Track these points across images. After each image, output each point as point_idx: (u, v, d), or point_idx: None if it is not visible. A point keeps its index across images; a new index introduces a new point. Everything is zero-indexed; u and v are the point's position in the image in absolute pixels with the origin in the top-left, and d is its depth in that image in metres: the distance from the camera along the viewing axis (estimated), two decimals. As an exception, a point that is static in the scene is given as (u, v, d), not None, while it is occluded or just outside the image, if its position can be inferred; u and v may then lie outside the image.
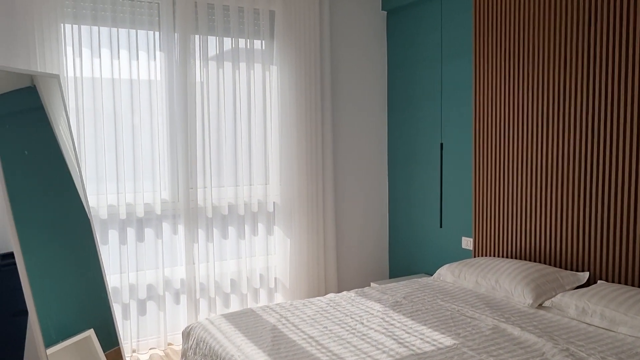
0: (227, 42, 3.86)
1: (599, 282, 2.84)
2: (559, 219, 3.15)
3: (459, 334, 2.43)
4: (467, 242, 3.88)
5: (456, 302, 2.93)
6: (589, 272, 2.97)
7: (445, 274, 3.36)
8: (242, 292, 3.98)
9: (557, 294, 2.82)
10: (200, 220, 3.81)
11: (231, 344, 2.42)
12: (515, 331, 2.44)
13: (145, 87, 3.62)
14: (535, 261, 3.32)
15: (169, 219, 3.76)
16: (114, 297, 3.58)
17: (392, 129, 4.58)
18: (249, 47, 3.92)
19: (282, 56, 4.04)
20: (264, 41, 4.00)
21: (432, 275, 4.14)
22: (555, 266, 3.19)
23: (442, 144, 4.02)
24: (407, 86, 4.37)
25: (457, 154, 3.91)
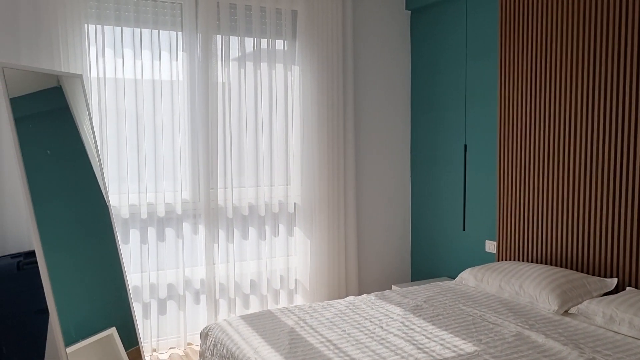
0: (249, 42, 3.86)
1: (628, 289, 2.75)
2: (586, 222, 3.06)
3: (481, 340, 2.37)
4: (491, 246, 3.80)
5: (478, 307, 2.86)
6: (617, 279, 2.88)
7: (467, 277, 3.30)
8: (262, 293, 3.96)
9: (583, 300, 2.73)
10: (220, 220, 3.81)
11: (248, 346, 2.40)
12: (539, 338, 2.37)
13: (167, 87, 3.63)
14: (561, 266, 3.22)
15: (190, 218, 3.76)
16: (135, 296, 3.60)
17: (415, 129, 4.52)
18: (270, 47, 3.91)
19: (304, 56, 4.02)
20: (286, 41, 3.98)
21: (454, 279, 4.07)
22: (582, 272, 3.10)
23: (465, 146, 3.95)
24: (431, 86, 4.31)
25: (481, 156, 3.83)
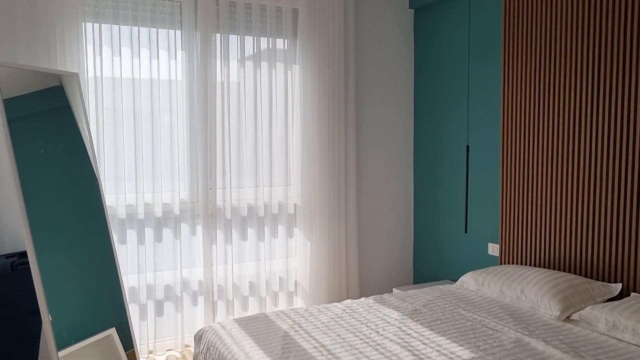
0: (249, 40, 3.81)
1: (633, 294, 2.67)
2: (591, 226, 2.98)
3: (479, 347, 2.30)
4: (494, 249, 3.72)
5: (478, 311, 2.79)
6: (621, 284, 2.80)
7: (468, 281, 3.23)
8: (260, 295, 3.91)
9: (586, 306, 2.66)
10: (219, 221, 3.76)
11: (240, 351, 2.34)
12: (539, 345, 2.30)
13: (165, 86, 3.59)
14: (564, 271, 3.15)
15: (188, 219, 3.72)
16: (132, 297, 3.56)
17: (418, 130, 4.45)
18: (271, 46, 3.86)
19: (305, 55, 3.97)
20: (286, 40, 3.93)
21: (456, 282, 4.00)
22: (586, 276, 3.02)
23: (468, 147, 3.88)
24: (435, 87, 4.24)
25: (484, 157, 3.76)
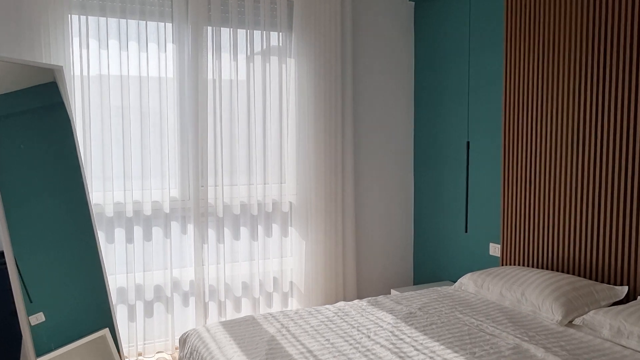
0: (242, 33, 3.69)
1: None
2: (596, 225, 2.84)
3: (474, 354, 2.17)
4: (495, 249, 3.59)
5: (476, 315, 2.66)
6: (627, 287, 2.66)
7: (467, 283, 3.10)
8: (254, 296, 3.79)
9: (590, 310, 2.52)
10: (210, 219, 3.65)
11: (222, 356, 2.23)
12: (538, 352, 2.17)
13: (154, 80, 3.47)
14: (568, 272, 3.01)
15: (178, 218, 3.61)
16: (120, 298, 3.46)
17: (419, 126, 4.32)
18: (265, 39, 3.74)
19: (300, 48, 3.84)
20: (281, 33, 3.81)
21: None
22: (590, 279, 2.88)
23: (468, 143, 3.74)
24: (436, 81, 4.10)
25: (485, 153, 3.63)
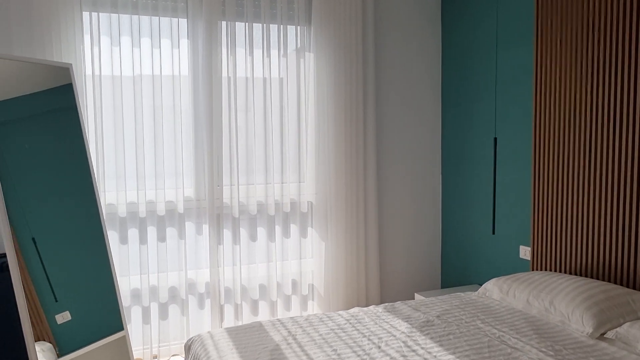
0: (257, 28, 3.57)
1: (682, 309, 2.28)
2: (634, 229, 2.59)
3: (492, 369, 1.99)
4: (526, 252, 3.36)
5: (499, 325, 2.46)
6: (669, 296, 2.41)
7: (491, 289, 2.89)
8: (271, 299, 3.67)
9: (625, 322, 2.29)
10: (226, 220, 3.55)
11: (221, 366, 2.11)
12: (564, 369, 1.97)
13: (168, 77, 3.39)
14: (603, 279, 2.76)
15: (193, 218, 3.52)
16: (134, 300, 3.39)
17: (446, 122, 4.11)
18: (281, 33, 3.61)
19: (319, 42, 3.70)
20: (299, 27, 3.67)
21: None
22: (627, 286, 2.64)
23: (495, 139, 3.52)
24: (465, 75, 3.88)
25: (514, 150, 3.40)
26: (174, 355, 3.52)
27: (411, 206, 4.13)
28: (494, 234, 3.58)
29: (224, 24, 3.47)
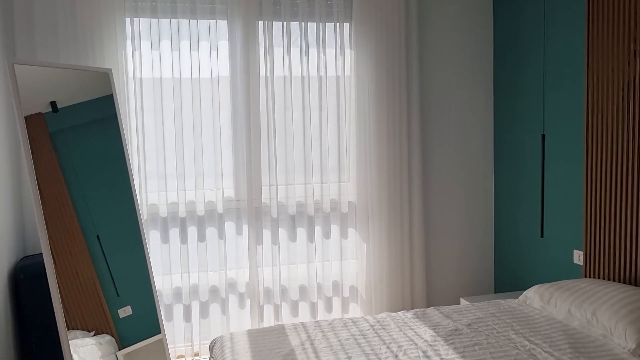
0: (295, 27, 3.53)
1: None
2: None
3: (510, 386, 1.84)
4: (579, 257, 3.11)
5: (533, 336, 2.29)
6: None
7: (532, 297, 2.70)
8: (311, 300, 3.63)
9: (674, 339, 2.05)
10: (265, 220, 3.55)
11: (231, 369, 2.10)
12: (592, 390, 1.79)
13: (207, 79, 3.43)
14: (660, 288, 2.50)
15: (233, 218, 3.54)
16: (175, 298, 3.47)
17: (499, 119, 3.88)
18: (320, 31, 3.55)
19: (360, 39, 3.61)
20: (338, 24, 3.60)
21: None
22: (685, 298, 2.36)
23: (543, 135, 3.28)
24: (519, 68, 3.65)
25: (564, 147, 3.15)
26: (215, 353, 3.57)
27: (460, 207, 3.94)
28: (542, 237, 3.34)
29: (261, 23, 3.47)
